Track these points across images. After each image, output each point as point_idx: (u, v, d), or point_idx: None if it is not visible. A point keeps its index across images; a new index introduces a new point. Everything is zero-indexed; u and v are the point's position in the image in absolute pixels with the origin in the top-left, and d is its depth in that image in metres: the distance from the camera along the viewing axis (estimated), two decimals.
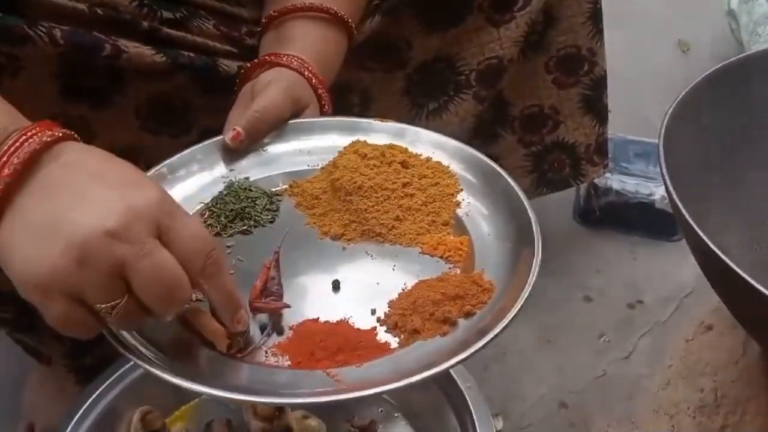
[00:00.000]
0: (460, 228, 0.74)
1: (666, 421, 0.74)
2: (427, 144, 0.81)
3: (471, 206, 0.75)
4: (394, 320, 0.66)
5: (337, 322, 0.66)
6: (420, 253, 0.72)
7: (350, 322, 0.66)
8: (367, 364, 0.62)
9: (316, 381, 0.61)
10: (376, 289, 0.69)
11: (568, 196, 1.34)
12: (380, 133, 0.82)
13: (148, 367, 0.60)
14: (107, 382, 0.86)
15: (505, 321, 0.61)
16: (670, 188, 0.61)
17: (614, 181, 1.33)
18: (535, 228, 0.69)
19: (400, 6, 0.99)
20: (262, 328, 0.66)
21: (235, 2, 0.93)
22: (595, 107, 1.16)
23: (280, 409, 0.84)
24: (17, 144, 0.58)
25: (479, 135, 1.12)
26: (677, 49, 1.81)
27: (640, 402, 1.04)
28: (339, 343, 0.64)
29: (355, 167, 0.75)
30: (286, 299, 0.68)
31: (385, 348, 0.64)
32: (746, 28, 1.60)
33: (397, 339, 0.65)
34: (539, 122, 1.15)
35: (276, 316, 0.66)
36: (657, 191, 1.31)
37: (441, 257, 0.71)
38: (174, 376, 0.59)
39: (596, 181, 1.31)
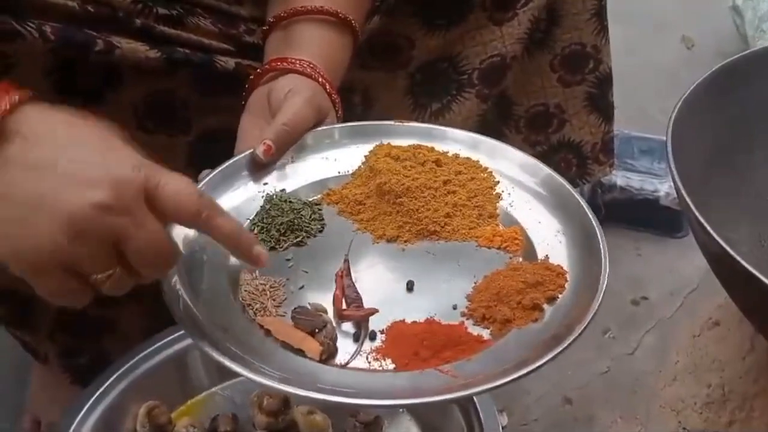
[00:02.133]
0: (508, 219, 0.75)
1: (673, 417, 0.74)
2: (450, 141, 0.82)
3: (513, 197, 0.77)
4: (480, 313, 0.66)
5: (426, 320, 0.67)
6: (477, 246, 0.73)
7: (436, 319, 0.67)
8: (476, 356, 0.63)
9: (434, 380, 0.61)
10: (449, 285, 0.70)
11: None
12: (403, 135, 0.82)
13: (275, 384, 0.60)
14: (113, 377, 0.86)
15: (596, 304, 0.63)
16: (679, 185, 0.61)
17: (619, 177, 1.33)
18: (586, 207, 0.71)
19: (400, 5, 0.98)
20: (355, 337, 0.66)
21: (234, 0, 0.93)
22: (601, 105, 1.15)
23: (285, 404, 0.85)
24: None
25: (484, 134, 1.11)
26: (681, 46, 1.81)
27: (644, 398, 1.04)
28: (441, 340, 0.64)
29: (396, 170, 0.76)
30: (366, 304, 0.68)
31: (481, 341, 0.65)
32: (751, 24, 1.60)
33: (487, 330, 0.66)
34: (545, 121, 1.14)
35: (364, 323, 0.67)
36: (662, 188, 1.31)
37: (499, 248, 0.73)
38: (309, 391, 0.59)
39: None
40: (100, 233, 0.55)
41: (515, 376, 0.59)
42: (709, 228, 0.57)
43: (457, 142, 0.82)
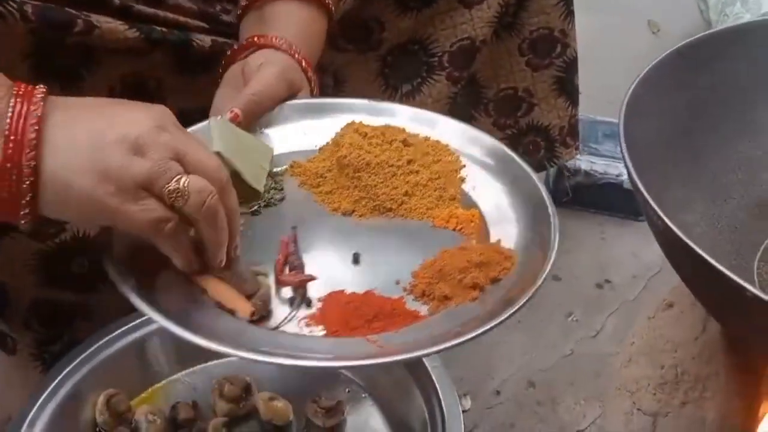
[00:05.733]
0: (468, 202, 0.76)
1: (627, 398, 0.75)
2: (422, 122, 0.82)
3: (475, 181, 0.77)
4: (421, 288, 0.67)
5: (365, 292, 0.67)
6: (432, 226, 0.74)
7: (376, 292, 0.67)
8: (404, 329, 0.64)
9: (358, 347, 0.62)
10: (396, 260, 0.70)
11: (537, 175, 1.34)
12: (376, 114, 0.83)
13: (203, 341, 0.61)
14: (71, 365, 0.85)
15: (534, 287, 0.64)
16: (630, 166, 0.61)
17: (583, 161, 1.34)
18: (547, 198, 0.72)
19: None
20: (291, 301, 0.67)
21: None
22: (568, 89, 1.17)
23: (246, 390, 0.84)
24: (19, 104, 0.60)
25: (454, 117, 1.12)
26: (647, 30, 1.82)
27: (606, 380, 1.05)
28: (373, 310, 0.65)
29: (360, 145, 0.77)
30: (307, 273, 0.69)
31: (416, 315, 0.66)
32: (714, 8, 1.61)
33: (426, 306, 0.66)
34: (514, 105, 1.16)
35: (302, 289, 0.68)
36: (625, 172, 1.31)
37: (454, 230, 0.73)
38: (230, 347, 0.60)
39: None
40: (161, 147, 0.61)
41: (439, 347, 0.60)
42: (657, 208, 0.58)
43: (427, 125, 0.82)
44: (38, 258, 0.86)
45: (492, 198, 0.75)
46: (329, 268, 0.70)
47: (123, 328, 0.88)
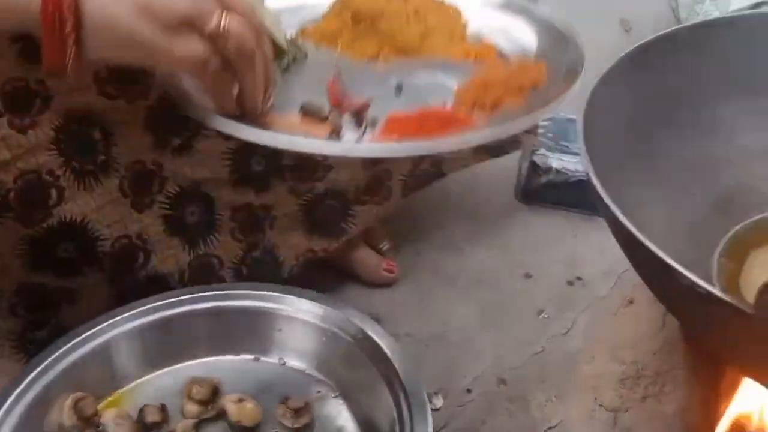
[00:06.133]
0: (478, 40, 0.84)
1: (590, 394, 0.76)
2: None
3: (480, 23, 0.85)
4: (471, 100, 0.73)
5: (421, 108, 0.74)
6: (455, 59, 0.81)
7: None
8: (472, 128, 0.70)
9: (447, 139, 0.69)
10: (435, 86, 0.77)
11: (509, 174, 1.35)
12: None
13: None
14: (39, 368, 0.85)
15: (578, 79, 0.73)
16: (588, 164, 0.62)
17: (554, 160, 1.34)
18: (556, 19, 0.82)
19: None
20: (357, 124, 0.73)
21: None
22: None
23: (214, 392, 0.84)
24: None
25: None
26: (619, 28, 1.83)
27: (577, 377, 1.05)
28: (440, 119, 0.71)
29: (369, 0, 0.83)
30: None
31: (475, 121, 0.72)
32: (685, 7, 1.62)
33: (479, 114, 0.72)
34: None
35: (363, 113, 0.73)
36: None
37: (476, 59, 0.80)
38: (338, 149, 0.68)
39: (536, 159, 1.32)
40: None
41: (523, 123, 0.70)
42: (611, 204, 0.58)
43: None
44: (25, 243, 0.87)
45: (501, 32, 0.83)
46: (377, 101, 0.75)
47: (90, 332, 0.88)
